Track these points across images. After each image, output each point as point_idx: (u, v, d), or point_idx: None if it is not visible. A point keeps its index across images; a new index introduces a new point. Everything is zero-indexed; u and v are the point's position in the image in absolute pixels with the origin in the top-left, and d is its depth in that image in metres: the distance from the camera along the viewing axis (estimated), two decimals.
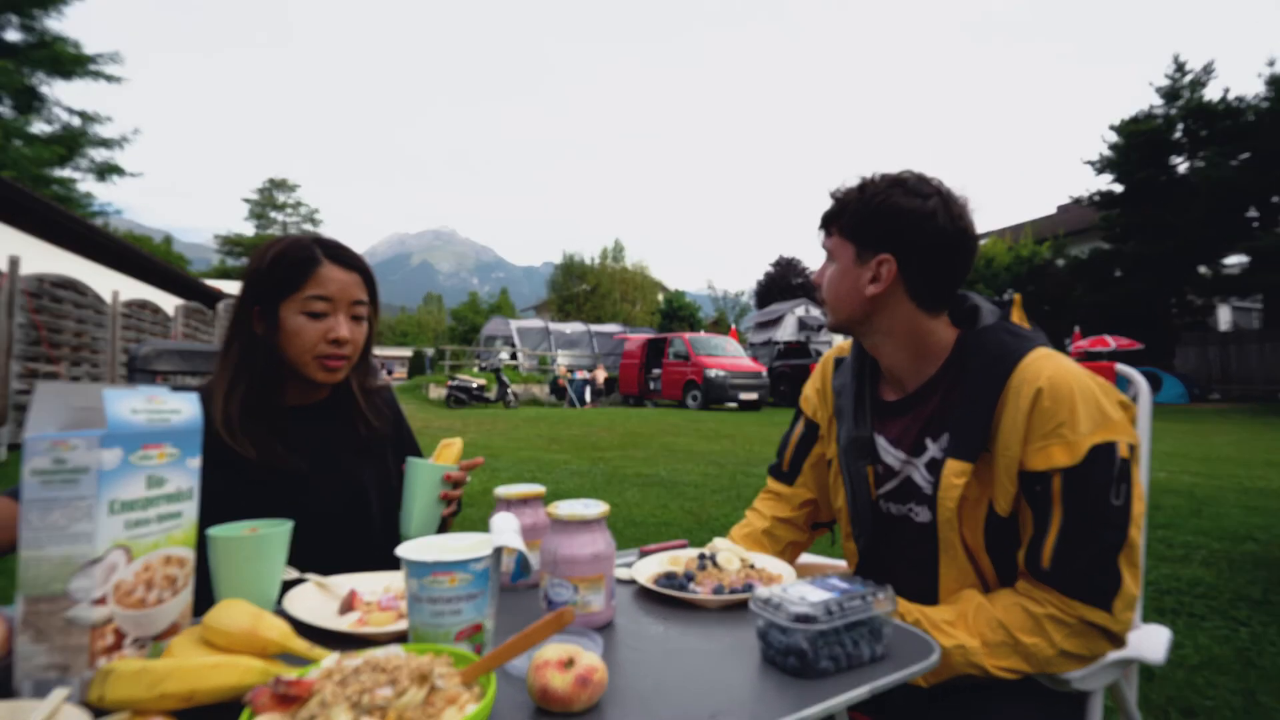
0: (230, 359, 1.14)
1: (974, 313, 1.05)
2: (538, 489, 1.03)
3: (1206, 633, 2.41)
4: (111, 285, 8.87)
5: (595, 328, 24.46)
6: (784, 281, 32.97)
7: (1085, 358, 14.85)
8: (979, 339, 1.00)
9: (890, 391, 1.11)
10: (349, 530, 1.17)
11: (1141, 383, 1.21)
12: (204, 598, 0.77)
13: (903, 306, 1.02)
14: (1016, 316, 1.05)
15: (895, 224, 0.99)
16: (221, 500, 0.94)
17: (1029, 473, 0.91)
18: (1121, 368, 1.24)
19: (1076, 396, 0.89)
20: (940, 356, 1.04)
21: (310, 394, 1.22)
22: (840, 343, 1.25)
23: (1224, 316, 21.48)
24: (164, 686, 0.57)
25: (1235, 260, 18.12)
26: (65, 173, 14.87)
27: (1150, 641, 1.04)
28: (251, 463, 1.08)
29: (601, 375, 18.20)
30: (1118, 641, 0.89)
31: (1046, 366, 0.92)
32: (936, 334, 1.03)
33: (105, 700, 0.56)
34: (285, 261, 1.13)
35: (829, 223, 1.08)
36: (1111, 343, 15.45)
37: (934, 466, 1.01)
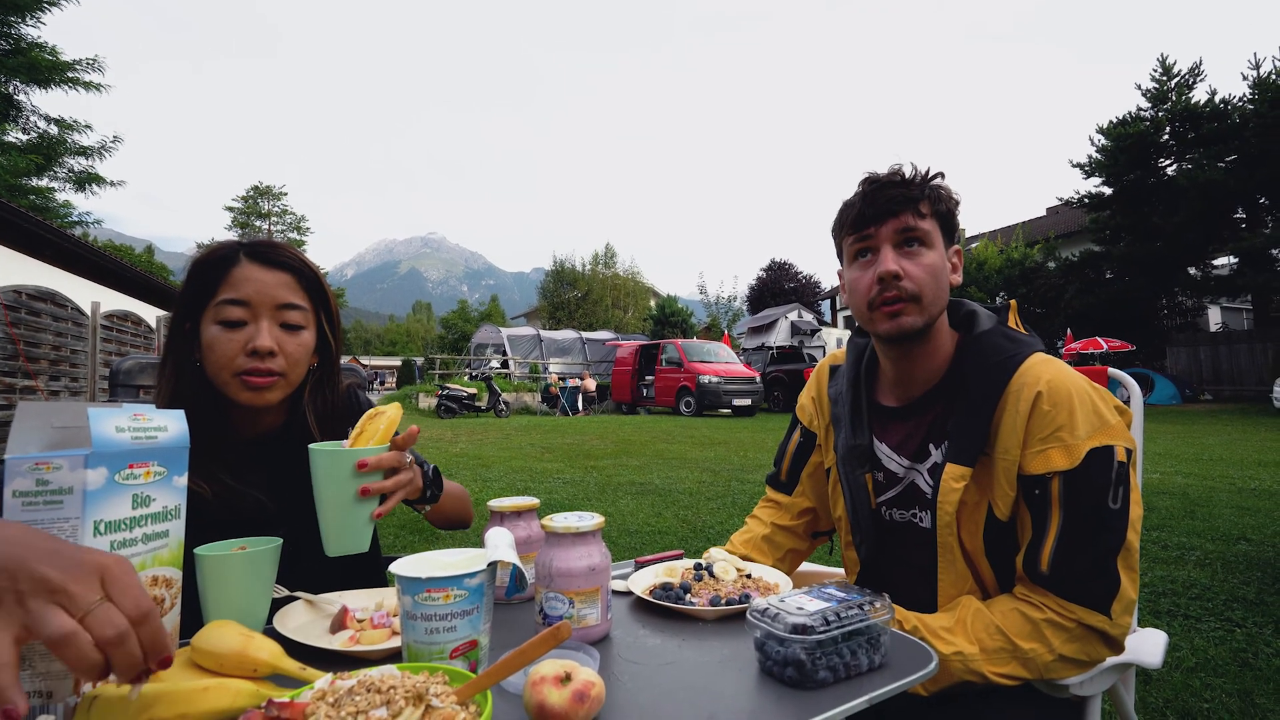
0: (164, 384, 1.00)
1: (971, 318, 1.06)
2: (531, 501, 1.02)
3: (1202, 634, 2.41)
4: (91, 297, 8.79)
5: (587, 335, 24.46)
6: (776, 286, 33.09)
7: (1078, 359, 14.95)
8: (978, 343, 1.00)
9: (890, 397, 1.11)
10: (320, 571, 1.03)
11: (1133, 386, 1.22)
12: (192, 618, 0.76)
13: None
14: (1012, 321, 1.06)
15: (956, 215, 1.01)
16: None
17: (1028, 476, 0.91)
18: (1114, 371, 1.25)
19: (1075, 400, 0.90)
20: (945, 361, 1.04)
21: (260, 423, 1.07)
22: (835, 351, 1.24)
23: (1214, 317, 21.68)
24: (152, 712, 0.56)
25: (1224, 261, 18.32)
26: (43, 182, 14.67)
27: (1147, 645, 1.04)
28: (207, 502, 0.94)
29: (591, 384, 18.15)
30: (1116, 646, 0.89)
31: (1045, 371, 0.93)
32: (948, 336, 1.05)
33: None
34: (201, 266, 1.00)
35: (918, 203, 0.97)
36: (1103, 344, 15.57)
37: (937, 472, 1.01)
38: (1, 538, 0.49)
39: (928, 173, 1.01)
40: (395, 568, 0.70)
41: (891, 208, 0.97)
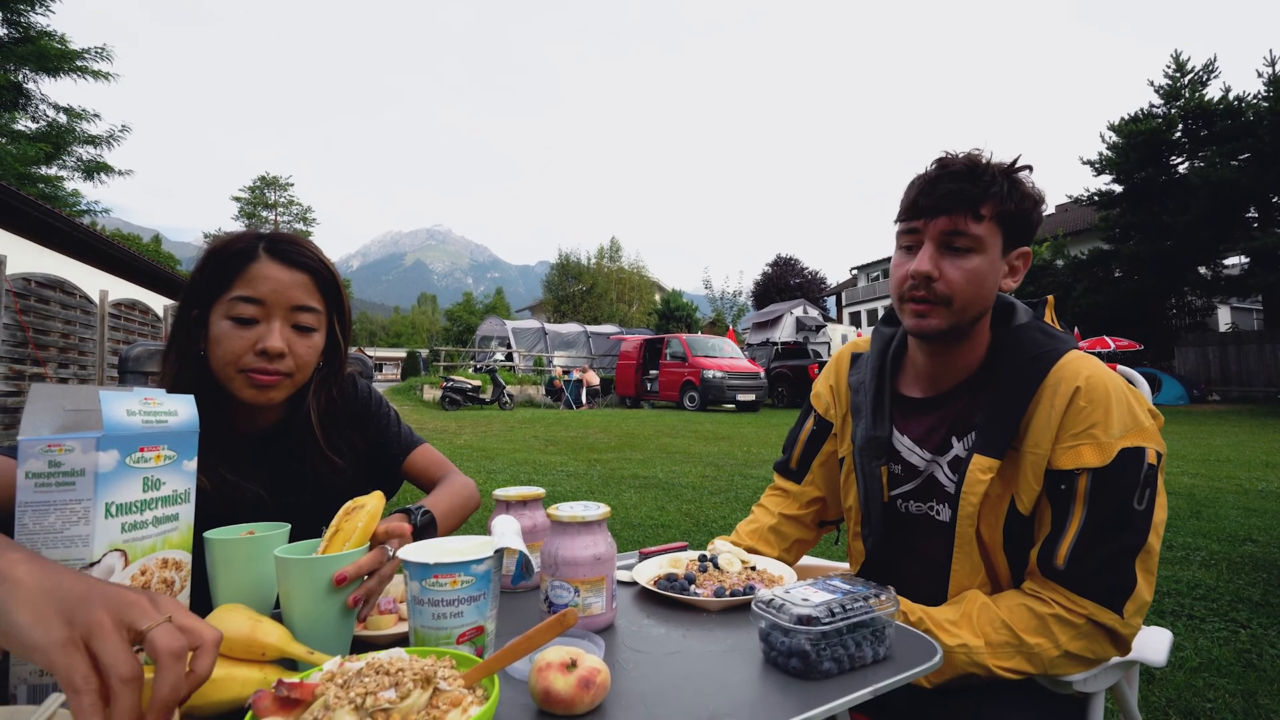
0: (167, 371, 0.99)
1: (1008, 311, 1.04)
2: (537, 491, 1.02)
3: (1206, 635, 2.41)
4: (99, 285, 8.83)
5: (592, 328, 24.44)
6: (782, 281, 33.03)
7: None
8: (1014, 337, 0.99)
9: (915, 389, 1.09)
10: None
11: (1142, 384, 1.21)
12: (201, 601, 0.76)
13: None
14: (1048, 317, 1.05)
15: (1039, 215, 0.96)
16: None
17: (1055, 471, 0.91)
18: (1123, 369, 1.24)
19: (1112, 399, 0.89)
20: (980, 355, 1.03)
21: (259, 419, 1.06)
22: (855, 339, 1.23)
23: (1223, 317, 21.52)
24: None
25: (1235, 261, 18.17)
26: (52, 171, 14.72)
27: (1152, 644, 1.03)
28: (205, 495, 0.91)
29: (594, 378, 18.12)
30: (1124, 646, 0.88)
31: (1084, 367, 0.92)
32: (984, 334, 1.02)
33: None
34: (218, 257, 0.98)
35: (977, 203, 0.91)
36: (1111, 343, 15.47)
37: (958, 465, 1.00)
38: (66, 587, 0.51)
39: (1010, 165, 0.94)
40: (403, 553, 0.71)
41: (945, 204, 0.91)
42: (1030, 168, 0.95)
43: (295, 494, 1.07)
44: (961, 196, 0.91)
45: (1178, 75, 18.48)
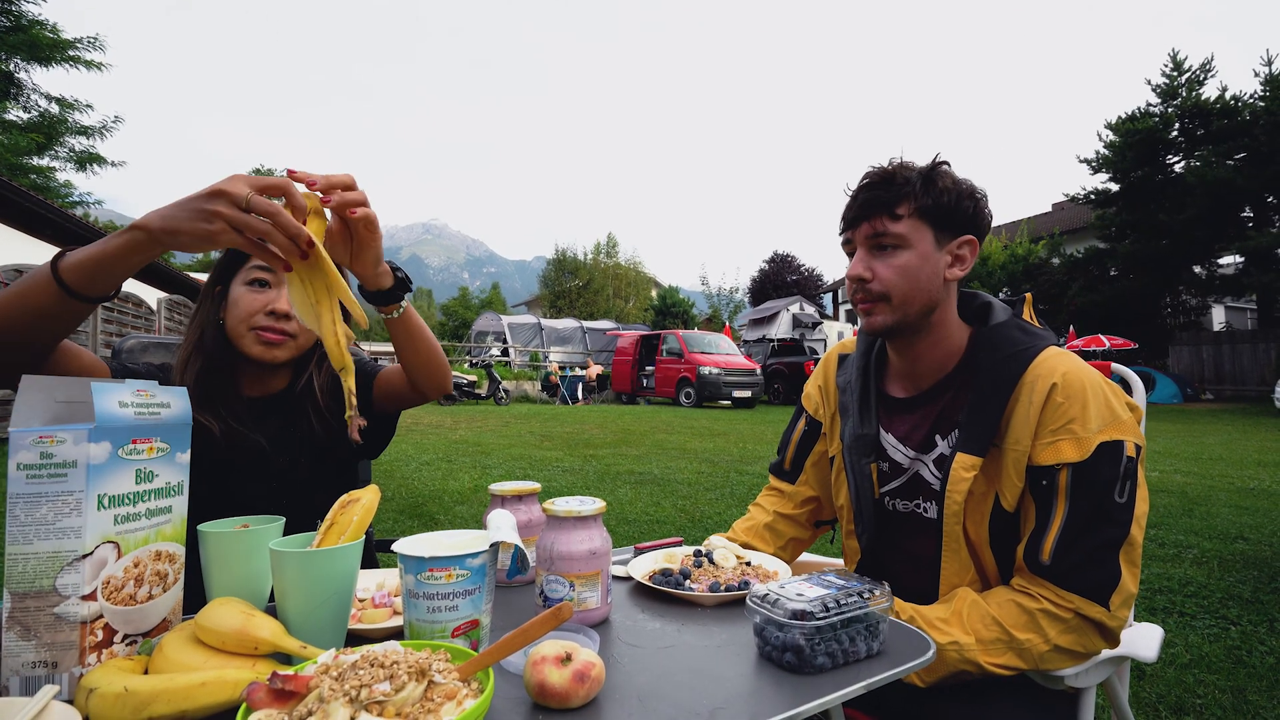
0: (190, 337, 1.11)
1: (985, 309, 1.06)
2: (533, 485, 1.02)
3: (1197, 631, 2.42)
4: None
5: (588, 324, 24.40)
6: (779, 278, 33.06)
7: (1081, 357, 14.94)
8: (992, 335, 1.00)
9: (899, 388, 1.11)
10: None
11: (1137, 382, 1.22)
12: (195, 593, 0.76)
13: (952, 295, 1.03)
14: (1027, 315, 1.06)
15: (976, 205, 0.99)
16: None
17: (1036, 467, 0.91)
18: (1117, 367, 1.24)
19: (1089, 394, 0.90)
20: (957, 353, 1.04)
21: (267, 384, 1.16)
22: (845, 339, 1.24)
23: (1217, 316, 21.62)
24: (151, 710, 0.56)
25: (1230, 260, 18.24)
26: (44, 161, 14.58)
27: (1143, 640, 1.04)
28: (212, 442, 1.03)
29: (595, 370, 18.10)
30: (1112, 639, 0.89)
31: (1061, 363, 0.93)
32: (957, 328, 1.04)
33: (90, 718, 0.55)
34: None
35: (892, 205, 0.97)
36: (1106, 342, 15.53)
37: (942, 463, 1.01)
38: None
39: (927, 167, 0.98)
40: (398, 547, 0.71)
41: (865, 212, 0.99)
42: (947, 163, 1.00)
43: (291, 455, 1.14)
44: (877, 202, 0.98)
45: (1175, 74, 18.47)
